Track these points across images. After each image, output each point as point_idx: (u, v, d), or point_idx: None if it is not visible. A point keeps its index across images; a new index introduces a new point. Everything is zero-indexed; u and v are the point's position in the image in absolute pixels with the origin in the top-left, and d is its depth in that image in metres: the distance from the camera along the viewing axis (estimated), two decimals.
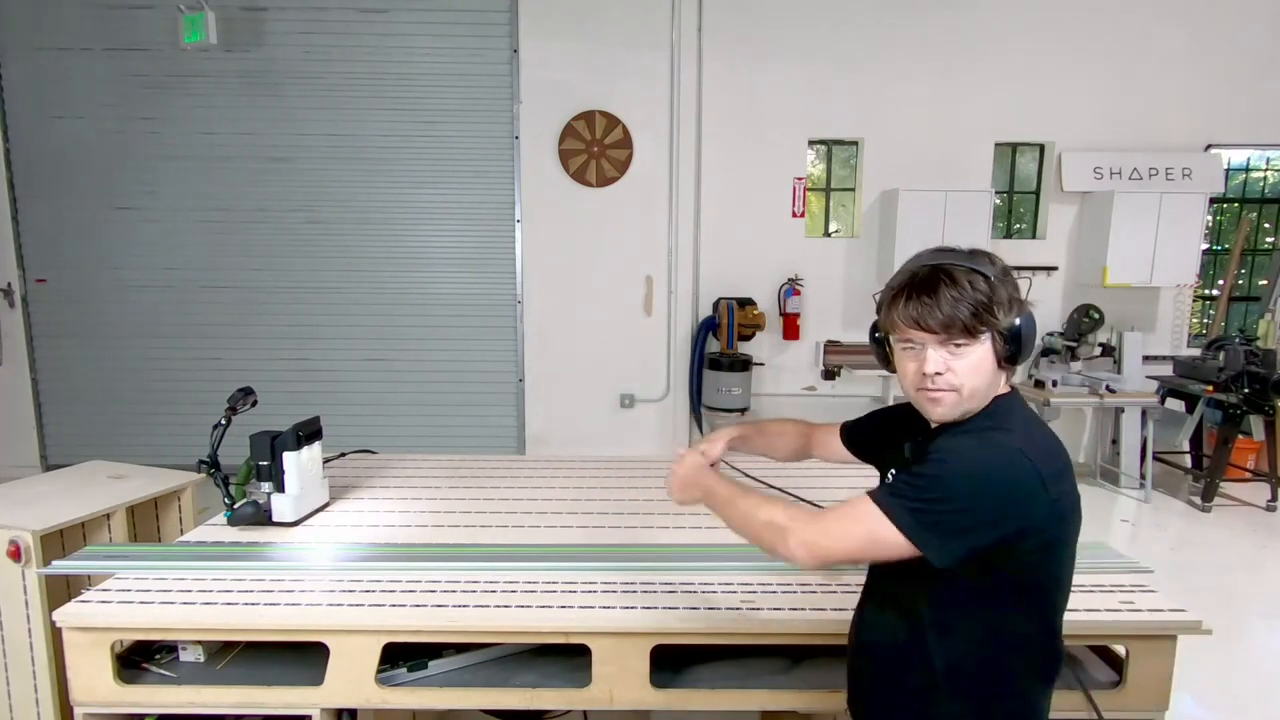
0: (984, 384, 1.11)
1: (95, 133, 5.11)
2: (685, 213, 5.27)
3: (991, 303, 1.07)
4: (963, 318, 1.07)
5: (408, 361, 5.36)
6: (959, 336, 1.08)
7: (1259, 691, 2.81)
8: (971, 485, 1.02)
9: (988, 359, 1.10)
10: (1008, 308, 1.08)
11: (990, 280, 1.08)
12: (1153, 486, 5.00)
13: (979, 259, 1.10)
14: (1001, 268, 1.11)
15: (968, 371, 1.10)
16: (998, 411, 1.13)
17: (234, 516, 1.93)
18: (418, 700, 1.51)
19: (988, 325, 1.08)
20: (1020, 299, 1.10)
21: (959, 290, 1.07)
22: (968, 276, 1.08)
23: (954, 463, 1.04)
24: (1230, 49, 5.19)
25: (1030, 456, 1.04)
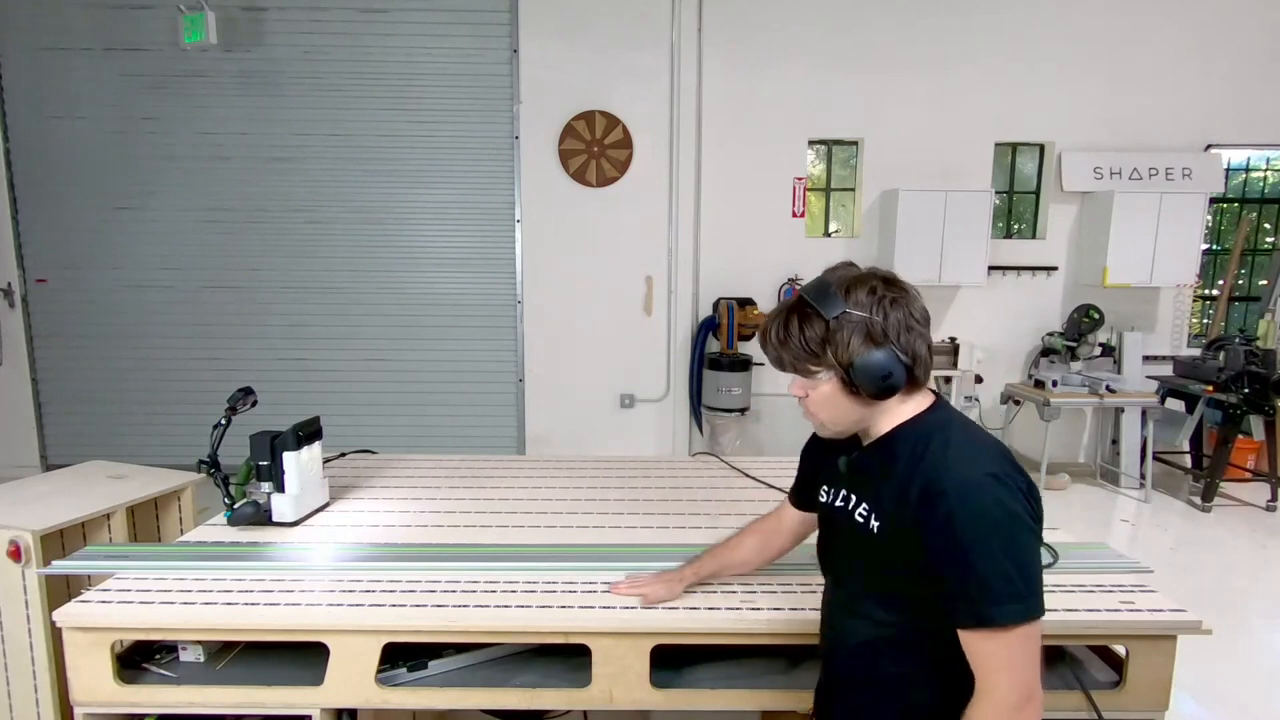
0: (844, 414, 1.13)
1: (95, 133, 5.11)
2: (685, 213, 5.27)
3: (824, 344, 1.08)
4: (787, 359, 1.12)
5: (408, 361, 5.36)
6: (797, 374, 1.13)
7: (1259, 691, 2.81)
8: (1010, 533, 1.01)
9: (836, 394, 1.11)
10: (846, 347, 1.07)
11: (831, 320, 1.07)
12: (1153, 486, 5.00)
13: (830, 296, 1.09)
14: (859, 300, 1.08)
15: (818, 403, 1.14)
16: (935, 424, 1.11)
17: (234, 516, 1.93)
18: (418, 700, 1.51)
19: (820, 364, 1.10)
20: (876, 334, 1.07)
21: (783, 332, 1.11)
22: (799, 317, 1.10)
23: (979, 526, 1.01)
24: (1230, 49, 5.20)
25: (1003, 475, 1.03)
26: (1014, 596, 1.00)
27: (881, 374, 1.07)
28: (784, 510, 1.53)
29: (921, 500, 1.04)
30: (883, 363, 1.07)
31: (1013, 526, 1.01)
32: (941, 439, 1.08)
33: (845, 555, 1.21)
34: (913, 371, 1.10)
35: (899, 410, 1.13)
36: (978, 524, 1.01)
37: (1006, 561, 1.00)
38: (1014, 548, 1.01)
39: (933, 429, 1.11)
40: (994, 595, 1.00)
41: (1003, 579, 1.00)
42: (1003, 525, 1.01)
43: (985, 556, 1.00)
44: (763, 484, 2.35)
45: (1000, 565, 1.00)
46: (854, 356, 1.08)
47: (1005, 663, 1.02)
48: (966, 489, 1.02)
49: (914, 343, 1.09)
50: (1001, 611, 1.00)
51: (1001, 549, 1.00)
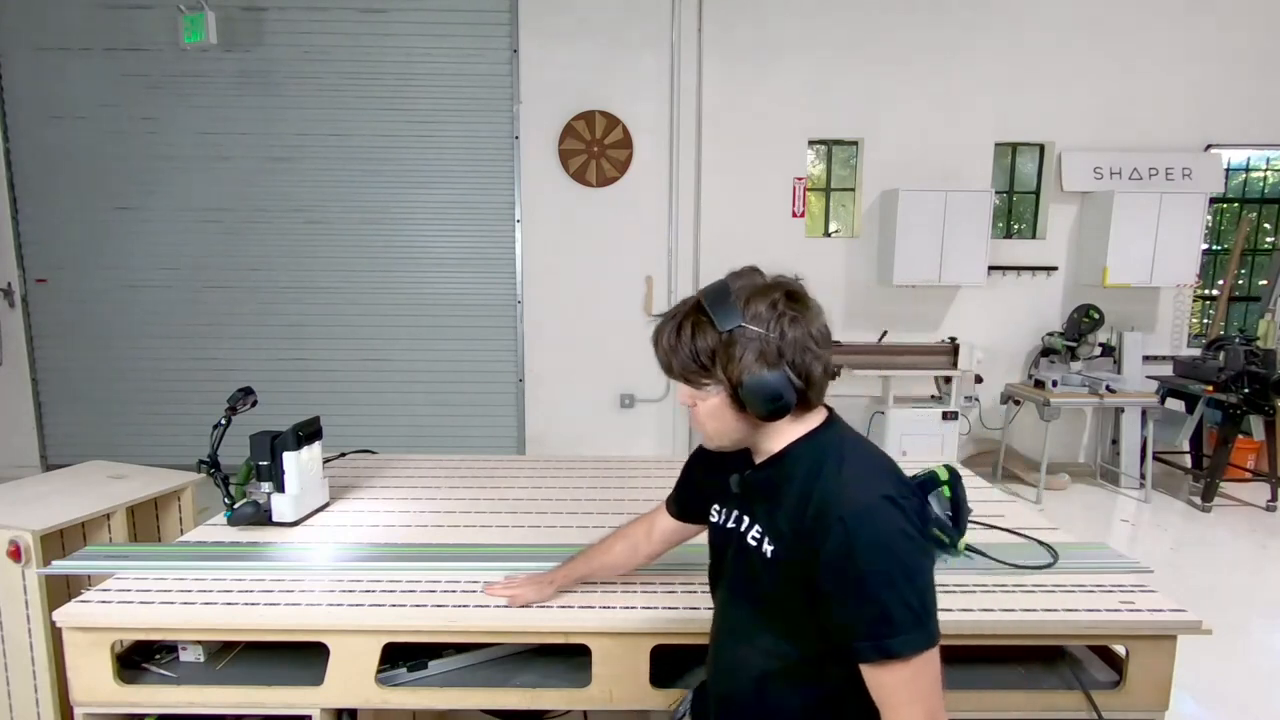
0: (731, 429, 1.09)
1: (95, 133, 5.11)
2: (685, 213, 5.27)
3: (714, 358, 1.03)
4: (675, 367, 1.07)
5: (408, 361, 5.36)
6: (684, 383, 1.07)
7: (1259, 691, 2.81)
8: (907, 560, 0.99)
9: (724, 408, 1.07)
10: (738, 363, 1.02)
11: (725, 333, 1.02)
12: (1153, 486, 5.00)
13: (729, 306, 1.03)
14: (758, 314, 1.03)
15: (704, 415, 1.09)
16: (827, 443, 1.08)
17: (234, 516, 1.93)
18: (418, 700, 1.51)
19: (709, 378, 1.05)
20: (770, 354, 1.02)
21: (675, 339, 1.06)
22: (693, 326, 1.05)
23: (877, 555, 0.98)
24: (1230, 49, 5.20)
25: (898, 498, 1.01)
26: (914, 625, 0.97)
27: (771, 396, 1.02)
28: (658, 516, 1.50)
29: (817, 525, 1.00)
30: (774, 385, 1.02)
31: (909, 553, 0.99)
32: (835, 458, 1.05)
33: (738, 580, 1.16)
34: (805, 394, 1.05)
35: (790, 429, 1.09)
36: (875, 553, 0.97)
37: (906, 590, 0.97)
38: (911, 575, 0.99)
39: (826, 448, 1.07)
40: (895, 626, 0.97)
41: (903, 608, 0.97)
42: (900, 553, 0.98)
43: (885, 586, 0.97)
44: None
45: (899, 595, 0.97)
46: (744, 375, 1.02)
47: (910, 694, 0.99)
48: (863, 515, 0.98)
49: (810, 364, 1.04)
50: (903, 642, 0.97)
51: (901, 578, 0.97)
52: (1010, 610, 1.53)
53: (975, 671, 1.58)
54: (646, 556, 1.54)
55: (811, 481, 1.04)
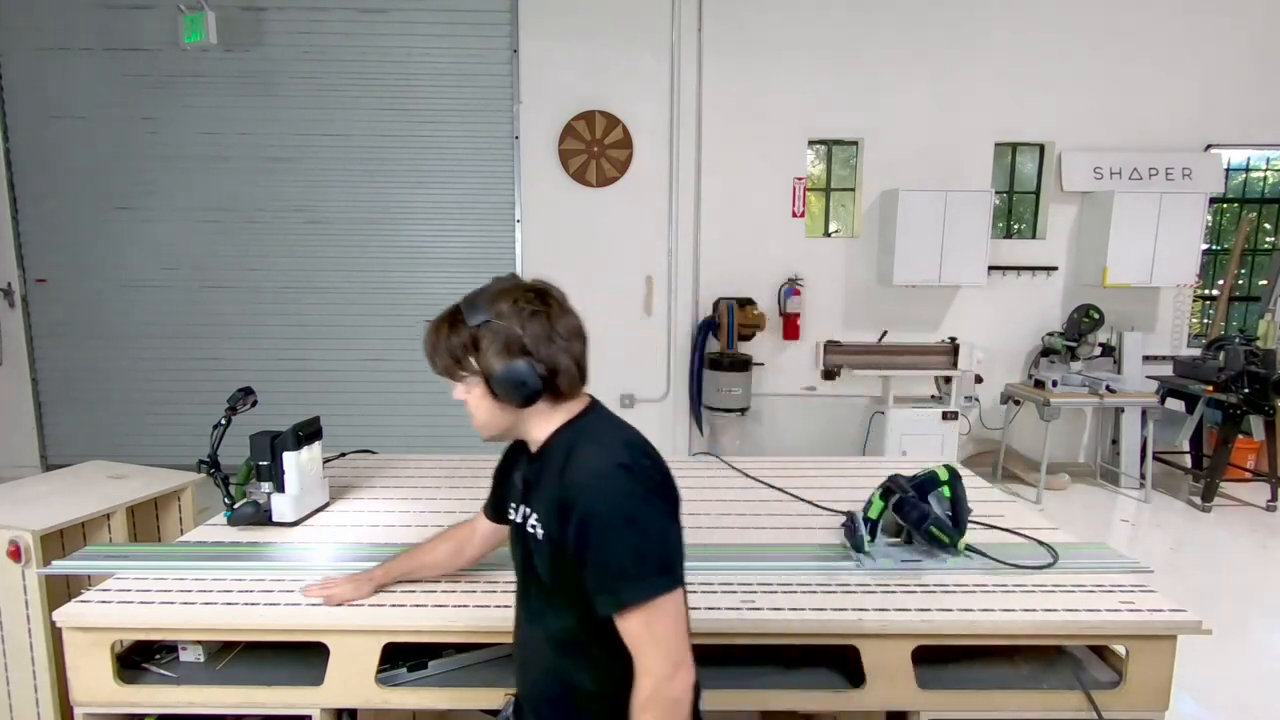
0: (491, 423, 1.20)
1: (95, 133, 5.10)
2: (685, 213, 5.27)
3: (466, 352, 1.15)
4: (439, 365, 1.19)
5: (408, 361, 5.35)
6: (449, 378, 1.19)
7: (1259, 691, 2.81)
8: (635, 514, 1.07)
9: (483, 400, 1.18)
10: (489, 354, 1.14)
11: (473, 329, 1.14)
12: (1153, 486, 5.00)
13: (478, 305, 1.15)
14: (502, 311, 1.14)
15: (472, 407, 1.20)
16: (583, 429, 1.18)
17: (234, 516, 1.93)
18: (418, 700, 1.51)
19: (465, 370, 1.17)
20: (514, 344, 1.13)
21: (435, 337, 1.18)
22: (449, 324, 1.17)
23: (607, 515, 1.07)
24: (1230, 49, 5.20)
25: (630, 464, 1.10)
26: (647, 574, 1.06)
27: (515, 382, 1.13)
28: (479, 520, 1.54)
29: (566, 501, 1.10)
30: (518, 373, 1.13)
31: (638, 508, 1.08)
32: (585, 440, 1.15)
33: (529, 570, 1.22)
34: (554, 382, 1.15)
35: (552, 417, 1.19)
36: (605, 514, 1.07)
37: (636, 542, 1.06)
38: (641, 528, 1.07)
39: (578, 434, 1.17)
40: (628, 576, 1.05)
41: (634, 559, 1.06)
42: (628, 509, 1.07)
43: (616, 541, 1.06)
44: (763, 484, 2.35)
45: (629, 547, 1.06)
46: (492, 365, 1.14)
47: (650, 638, 1.06)
48: (593, 484, 1.08)
49: (555, 355, 1.15)
50: (636, 590, 1.05)
51: (630, 531, 1.06)
52: (1010, 610, 1.53)
53: (975, 671, 1.58)
54: (470, 559, 1.59)
55: (566, 464, 1.13)
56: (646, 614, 1.05)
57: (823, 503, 2.15)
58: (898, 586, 1.63)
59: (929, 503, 1.72)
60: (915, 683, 1.48)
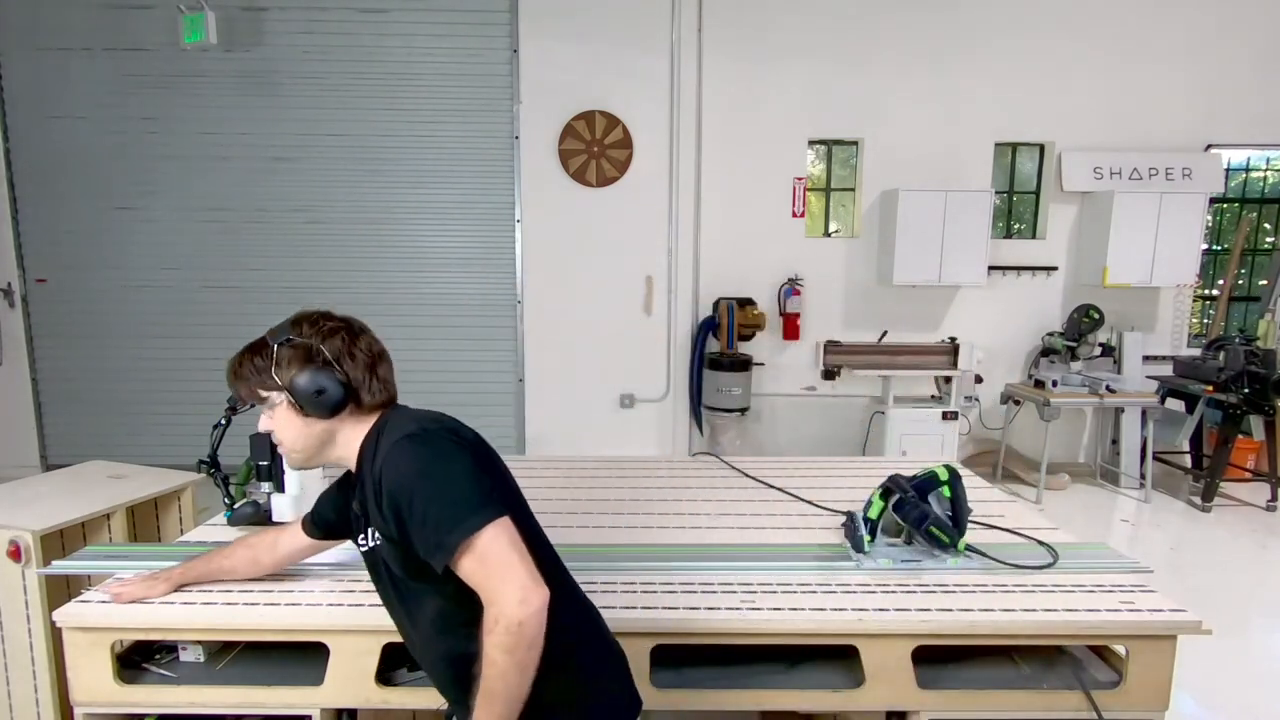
0: (302, 436, 1.23)
1: (95, 133, 5.10)
2: (685, 213, 5.27)
3: (269, 370, 1.21)
4: (244, 391, 1.24)
5: (407, 361, 5.29)
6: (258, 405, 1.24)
7: (1259, 691, 2.81)
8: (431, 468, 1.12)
9: (290, 416, 1.22)
10: (286, 368, 1.20)
11: (275, 347, 1.21)
12: (1153, 486, 5.00)
13: (280, 329, 1.23)
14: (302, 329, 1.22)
15: (279, 430, 1.25)
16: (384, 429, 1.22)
17: (234, 516, 1.93)
18: (418, 700, 1.51)
19: (268, 389, 1.22)
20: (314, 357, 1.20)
21: (238, 362, 1.24)
22: (251, 349, 1.23)
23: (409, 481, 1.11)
24: (1230, 49, 5.19)
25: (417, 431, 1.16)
26: (461, 514, 1.08)
27: (314, 389, 1.19)
28: (290, 533, 1.56)
29: (378, 499, 1.14)
30: (315, 380, 1.19)
31: (429, 463, 1.12)
32: (381, 438, 1.20)
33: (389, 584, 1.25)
34: (357, 393, 1.22)
35: (356, 432, 1.24)
36: (402, 481, 1.11)
37: (437, 491, 1.10)
38: (437, 478, 1.11)
39: (377, 435, 1.22)
40: (444, 525, 1.08)
41: (444, 507, 1.09)
42: (419, 467, 1.11)
43: (425, 500, 1.09)
44: (763, 484, 2.35)
45: (433, 498, 1.09)
46: (293, 378, 1.19)
47: (485, 571, 1.08)
48: (389, 463, 1.13)
49: (355, 367, 1.22)
50: (455, 533, 1.07)
51: (429, 484, 1.10)
52: (1010, 610, 1.53)
53: (975, 671, 1.58)
54: (269, 566, 1.60)
55: (373, 463, 1.18)
56: (474, 552, 1.07)
57: (823, 503, 2.15)
58: (898, 586, 1.63)
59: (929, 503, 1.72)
60: (915, 683, 1.48)
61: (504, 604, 1.05)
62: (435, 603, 1.19)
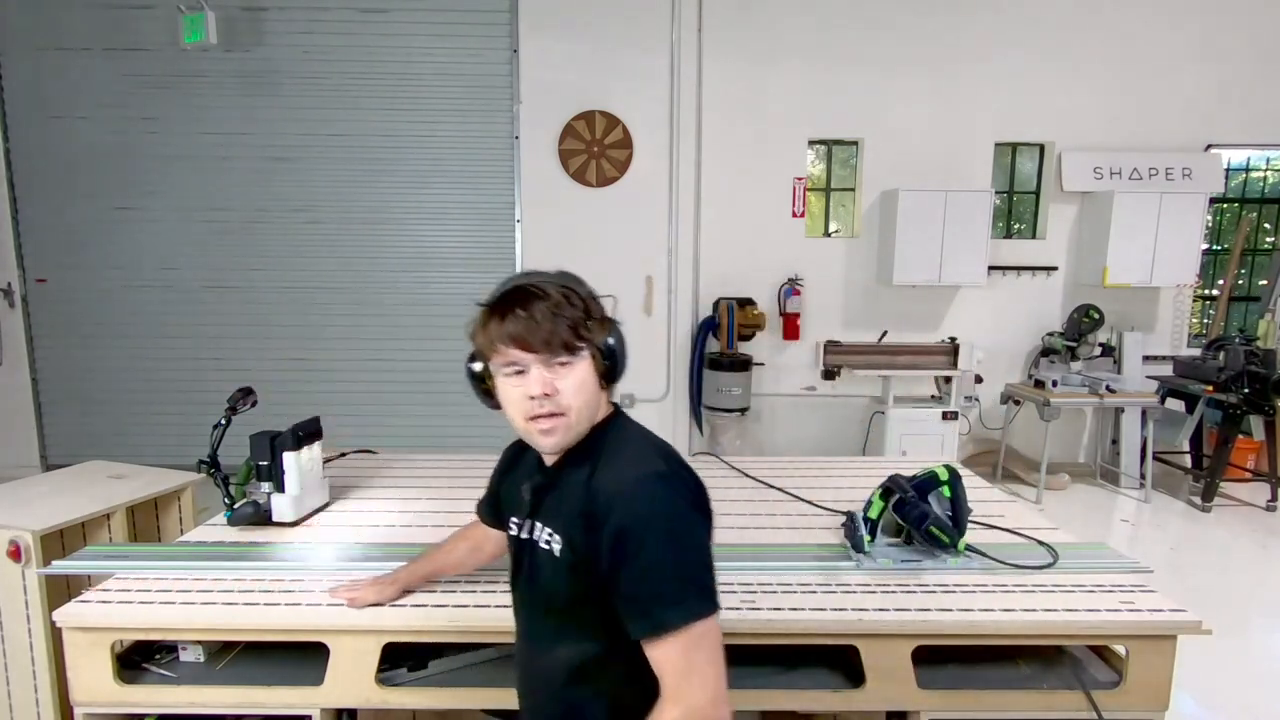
0: (588, 404, 1.10)
1: (95, 133, 5.11)
2: (685, 213, 5.27)
3: (587, 318, 1.08)
4: (562, 332, 1.05)
5: (408, 361, 5.35)
6: (561, 354, 1.06)
7: (1259, 691, 2.81)
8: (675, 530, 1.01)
9: (590, 377, 1.09)
10: (601, 325, 1.10)
11: (582, 297, 1.09)
12: (1153, 486, 5.00)
13: (567, 278, 1.11)
14: (589, 290, 1.12)
15: (573, 391, 1.07)
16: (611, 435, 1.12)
17: (234, 516, 1.93)
18: (418, 700, 1.51)
19: (585, 340, 1.07)
20: (610, 319, 1.11)
21: (555, 305, 1.06)
22: (560, 292, 1.08)
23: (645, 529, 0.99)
24: (1230, 49, 5.19)
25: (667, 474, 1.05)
26: (687, 596, 0.98)
27: (622, 354, 1.10)
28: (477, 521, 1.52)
29: (597, 513, 1.02)
30: (624, 346, 1.10)
31: (678, 522, 1.01)
32: (612, 448, 1.09)
33: (536, 589, 1.15)
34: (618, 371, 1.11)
35: (603, 408, 1.14)
36: (643, 527, 0.99)
37: (676, 559, 0.99)
38: (681, 544, 1.00)
39: (606, 443, 1.10)
40: (667, 598, 0.97)
41: (674, 579, 0.98)
42: (668, 523, 1.00)
43: (654, 558, 0.98)
44: (763, 484, 2.35)
45: (669, 565, 0.98)
46: (606, 337, 1.09)
47: (687, 666, 0.97)
48: (629, 493, 1.01)
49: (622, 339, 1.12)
50: (676, 613, 0.97)
51: (671, 547, 0.99)
52: (1010, 610, 1.53)
53: (975, 671, 1.58)
54: (490, 556, 1.55)
55: (593, 472, 1.07)
56: (685, 640, 0.96)
57: (823, 503, 2.15)
58: (897, 586, 1.62)
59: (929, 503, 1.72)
60: (915, 683, 1.48)
61: (696, 702, 0.96)
62: (580, 646, 1.09)
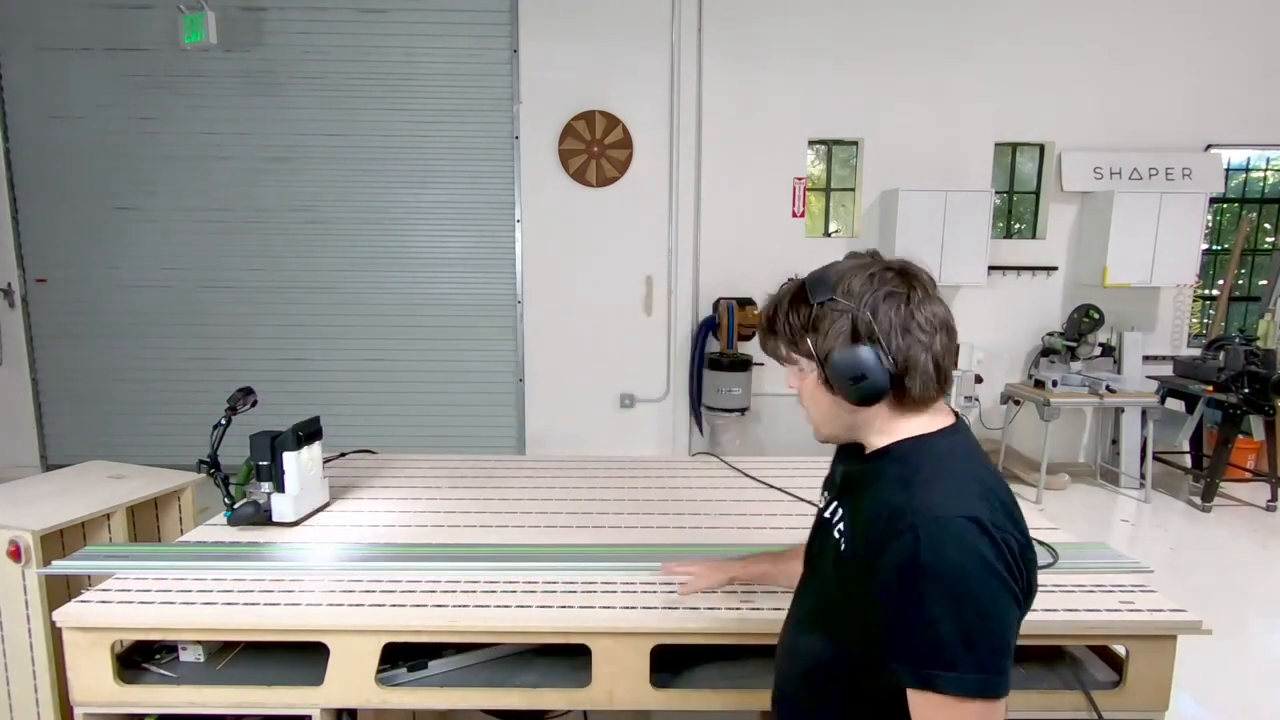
0: (829, 416, 1.03)
1: (95, 133, 5.11)
2: (685, 213, 5.27)
3: (805, 331, 0.99)
4: (771, 345, 1.04)
5: (408, 361, 5.36)
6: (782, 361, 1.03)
7: (1259, 691, 2.81)
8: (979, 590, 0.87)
9: (818, 389, 1.02)
10: (825, 337, 0.97)
11: (815, 306, 0.98)
12: (1153, 486, 5.00)
13: (825, 281, 0.99)
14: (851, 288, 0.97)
15: (806, 399, 1.05)
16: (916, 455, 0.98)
17: (234, 516, 1.93)
18: (418, 700, 1.51)
19: (799, 352, 1.01)
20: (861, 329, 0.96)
21: (771, 312, 1.03)
22: (790, 299, 1.02)
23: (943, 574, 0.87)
24: (1230, 49, 5.20)
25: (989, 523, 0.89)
26: (969, 665, 0.85)
27: (853, 374, 0.95)
28: None
29: (887, 530, 0.91)
30: (858, 362, 0.94)
31: (984, 586, 0.86)
32: (935, 468, 0.95)
33: (817, 567, 1.12)
34: (902, 381, 0.96)
35: (896, 425, 1.00)
36: (941, 572, 0.86)
37: (967, 621, 0.85)
38: (978, 606, 0.86)
39: (930, 455, 0.97)
40: (945, 659, 0.86)
41: (960, 642, 0.85)
42: (972, 581, 0.86)
43: (943, 611, 0.85)
44: (763, 484, 2.35)
45: (959, 624, 0.85)
46: (831, 349, 0.96)
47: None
48: (938, 529, 0.87)
49: (910, 348, 0.95)
50: (951, 680, 0.85)
51: (967, 608, 0.85)
52: None
53: None
54: None
55: (902, 486, 0.94)
56: (946, 709, 0.86)
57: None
58: None
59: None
60: None
61: None
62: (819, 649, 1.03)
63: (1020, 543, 0.91)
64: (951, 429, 1.01)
